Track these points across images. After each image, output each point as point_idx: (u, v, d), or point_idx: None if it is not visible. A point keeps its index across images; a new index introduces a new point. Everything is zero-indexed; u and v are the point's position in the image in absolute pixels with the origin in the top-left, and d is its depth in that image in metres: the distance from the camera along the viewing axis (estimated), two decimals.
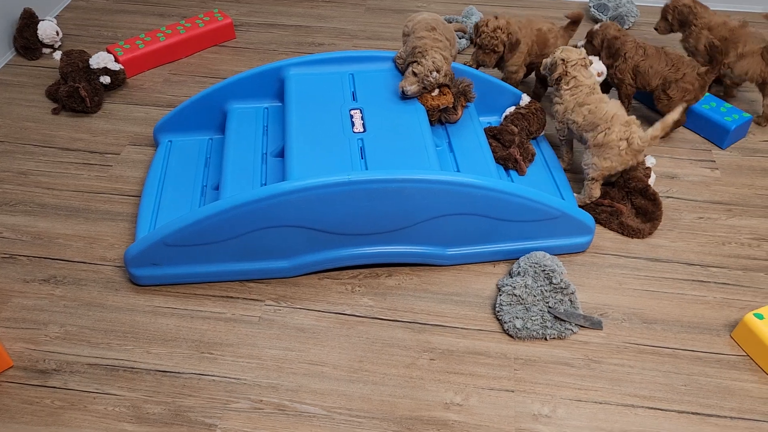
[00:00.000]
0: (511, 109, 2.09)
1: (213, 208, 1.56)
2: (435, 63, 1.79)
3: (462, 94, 1.92)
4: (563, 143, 2.02)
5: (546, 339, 1.60)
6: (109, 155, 2.11)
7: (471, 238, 1.73)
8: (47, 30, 2.48)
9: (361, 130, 1.77)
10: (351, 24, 2.76)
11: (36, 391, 1.49)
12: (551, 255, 1.69)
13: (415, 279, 1.74)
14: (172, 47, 2.51)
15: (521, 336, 1.59)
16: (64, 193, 1.97)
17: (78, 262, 1.77)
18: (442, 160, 1.85)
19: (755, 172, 2.08)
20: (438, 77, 1.80)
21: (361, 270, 1.76)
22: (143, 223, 1.80)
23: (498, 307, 1.63)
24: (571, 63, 1.87)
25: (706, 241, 1.85)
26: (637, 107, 2.30)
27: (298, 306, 1.67)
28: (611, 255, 1.81)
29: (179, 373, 1.53)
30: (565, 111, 1.89)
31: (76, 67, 2.25)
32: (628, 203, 1.88)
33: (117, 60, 2.38)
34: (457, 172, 1.83)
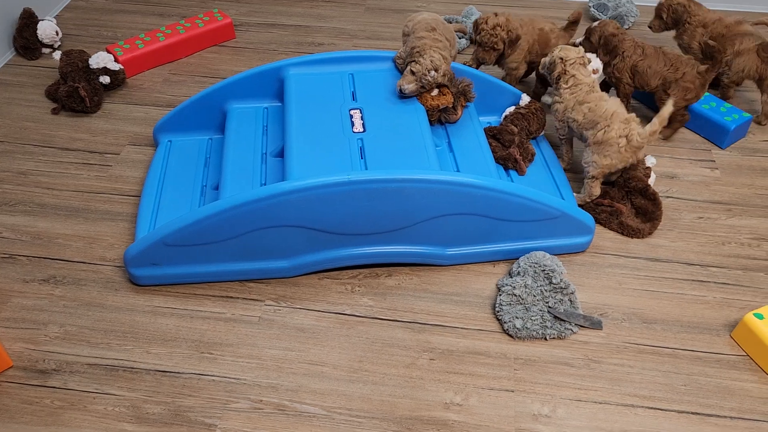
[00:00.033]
0: (511, 109, 2.09)
1: (213, 208, 1.56)
2: (433, 62, 1.79)
3: (462, 94, 1.91)
4: (563, 142, 2.02)
5: (546, 339, 1.60)
6: (109, 155, 2.11)
7: (471, 238, 1.73)
8: (47, 30, 2.48)
9: (361, 130, 1.77)
10: (351, 24, 2.76)
11: (36, 391, 1.49)
12: (551, 255, 1.69)
13: (415, 279, 1.74)
14: (171, 47, 2.51)
15: (521, 336, 1.59)
16: (64, 193, 1.97)
17: (78, 262, 1.77)
18: (442, 160, 1.85)
19: (755, 171, 2.08)
20: (436, 76, 1.80)
21: (361, 270, 1.76)
22: (143, 223, 1.80)
23: (498, 307, 1.63)
24: (569, 62, 1.87)
25: (706, 241, 1.85)
26: (636, 107, 2.30)
27: (298, 306, 1.67)
28: (611, 255, 1.81)
29: (179, 373, 1.53)
30: (565, 109, 1.89)
31: (76, 67, 2.25)
32: (628, 203, 1.88)
33: (117, 60, 2.38)
34: (457, 172, 1.83)
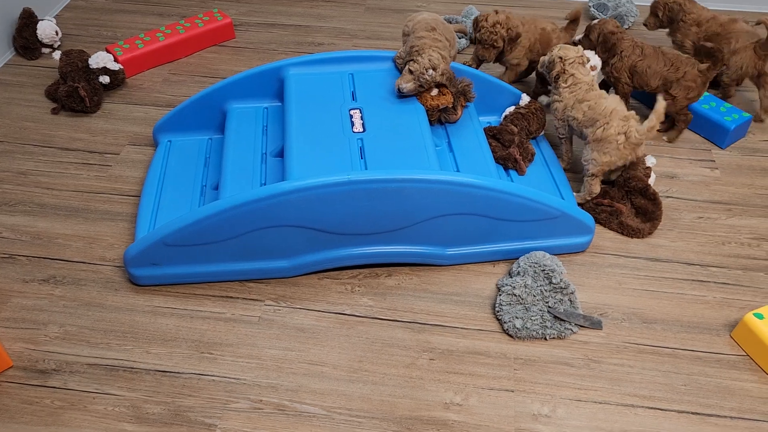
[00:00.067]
0: (511, 108, 2.09)
1: (212, 208, 1.56)
2: (431, 61, 1.78)
3: (462, 94, 1.91)
4: (562, 142, 2.02)
5: (546, 339, 1.60)
6: (109, 155, 2.11)
7: (471, 238, 1.73)
8: (46, 30, 2.48)
9: (361, 129, 1.76)
10: (351, 24, 2.76)
11: (36, 391, 1.49)
12: (551, 255, 1.69)
13: (415, 279, 1.74)
14: (171, 47, 2.50)
15: (521, 336, 1.59)
16: (64, 193, 1.97)
17: (77, 262, 1.77)
18: (442, 159, 1.85)
19: (755, 171, 2.08)
20: (434, 75, 1.80)
21: (360, 270, 1.76)
22: (143, 223, 1.80)
23: (498, 307, 1.63)
24: (568, 61, 1.88)
25: (706, 241, 1.85)
26: (636, 106, 2.30)
27: (298, 306, 1.67)
28: (611, 255, 1.81)
29: (179, 373, 1.53)
30: (565, 108, 1.90)
31: (76, 66, 2.25)
32: (628, 203, 1.88)
33: (116, 60, 2.38)
34: (457, 171, 1.83)
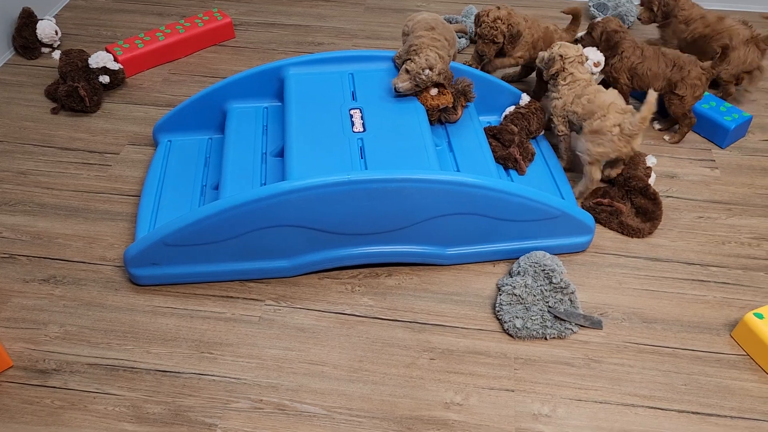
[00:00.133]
0: (511, 108, 2.09)
1: (213, 208, 1.55)
2: (428, 60, 1.78)
3: (462, 94, 1.91)
4: (561, 140, 2.02)
5: (546, 338, 1.60)
6: (109, 155, 2.11)
7: (471, 238, 1.73)
8: (46, 29, 2.48)
9: (361, 129, 1.76)
10: (350, 23, 2.76)
11: (36, 391, 1.49)
12: (551, 254, 1.69)
13: (415, 279, 1.74)
14: (171, 47, 2.50)
15: (521, 335, 1.59)
16: (64, 193, 1.97)
17: (78, 262, 1.77)
18: (442, 159, 1.85)
19: (755, 171, 2.08)
20: (431, 75, 1.79)
21: (361, 270, 1.76)
22: (143, 223, 1.80)
23: (498, 307, 1.63)
24: (568, 60, 1.89)
25: (706, 241, 1.85)
26: (637, 106, 2.29)
27: (298, 306, 1.67)
28: (611, 254, 1.81)
29: (179, 372, 1.53)
30: (564, 105, 1.92)
31: (75, 66, 2.25)
32: (628, 202, 1.88)
33: (116, 59, 2.37)
34: (457, 171, 1.83)
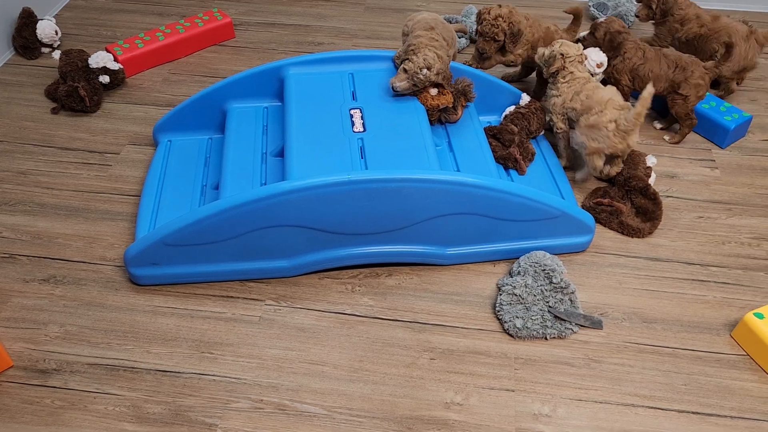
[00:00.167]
0: (511, 108, 2.09)
1: (213, 208, 1.55)
2: (426, 60, 1.78)
3: (462, 94, 1.91)
4: (560, 137, 2.02)
5: (546, 338, 1.60)
6: (109, 155, 2.11)
7: (471, 238, 1.73)
8: (46, 29, 2.48)
9: (361, 129, 1.76)
10: (350, 23, 2.75)
11: (36, 391, 1.49)
12: (551, 254, 1.69)
13: (415, 279, 1.74)
14: (171, 46, 2.50)
15: (521, 335, 1.59)
16: (64, 193, 1.97)
17: (78, 262, 1.77)
18: (442, 159, 1.85)
19: (755, 171, 2.08)
20: (428, 74, 1.79)
21: (361, 270, 1.76)
22: (143, 223, 1.80)
23: (498, 307, 1.63)
24: (569, 59, 1.90)
25: (706, 241, 1.85)
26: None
27: (299, 306, 1.67)
28: (611, 254, 1.81)
29: (179, 372, 1.53)
30: (563, 102, 1.93)
31: (75, 66, 2.25)
32: (628, 202, 1.88)
33: (116, 59, 2.37)
34: (457, 171, 1.83)
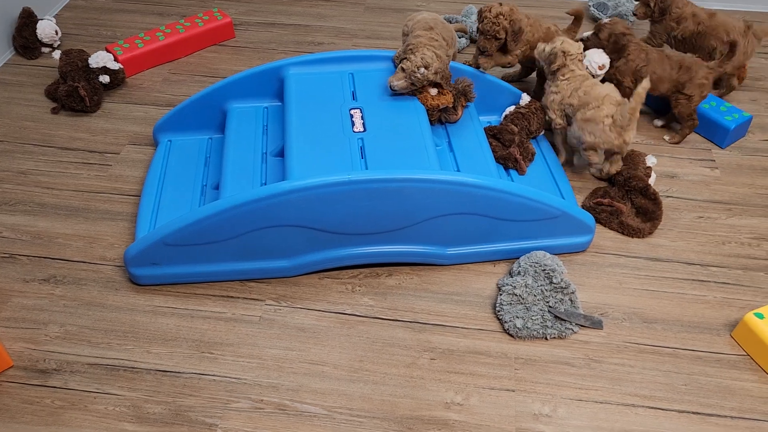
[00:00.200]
0: (511, 108, 2.09)
1: (213, 208, 1.55)
2: (424, 59, 1.78)
3: (462, 94, 1.91)
4: (558, 132, 2.02)
5: (546, 338, 1.60)
6: (109, 155, 2.11)
7: (471, 238, 1.73)
8: (46, 29, 2.48)
9: (361, 129, 1.76)
10: (350, 23, 2.75)
11: (36, 391, 1.49)
12: (551, 254, 1.69)
13: (416, 278, 1.74)
14: (171, 46, 2.50)
15: (522, 335, 1.59)
16: (64, 193, 1.97)
17: (78, 262, 1.77)
18: (442, 159, 1.85)
19: (755, 171, 2.08)
20: (426, 74, 1.79)
21: (361, 270, 1.76)
22: (143, 223, 1.79)
23: (498, 307, 1.63)
24: (570, 56, 1.92)
25: (706, 241, 1.85)
26: (641, 109, 2.29)
27: (299, 306, 1.67)
28: (611, 254, 1.81)
29: (179, 372, 1.53)
30: (562, 99, 1.94)
31: (76, 66, 2.25)
32: (629, 202, 1.89)
33: (116, 59, 2.37)
34: (457, 171, 1.83)
